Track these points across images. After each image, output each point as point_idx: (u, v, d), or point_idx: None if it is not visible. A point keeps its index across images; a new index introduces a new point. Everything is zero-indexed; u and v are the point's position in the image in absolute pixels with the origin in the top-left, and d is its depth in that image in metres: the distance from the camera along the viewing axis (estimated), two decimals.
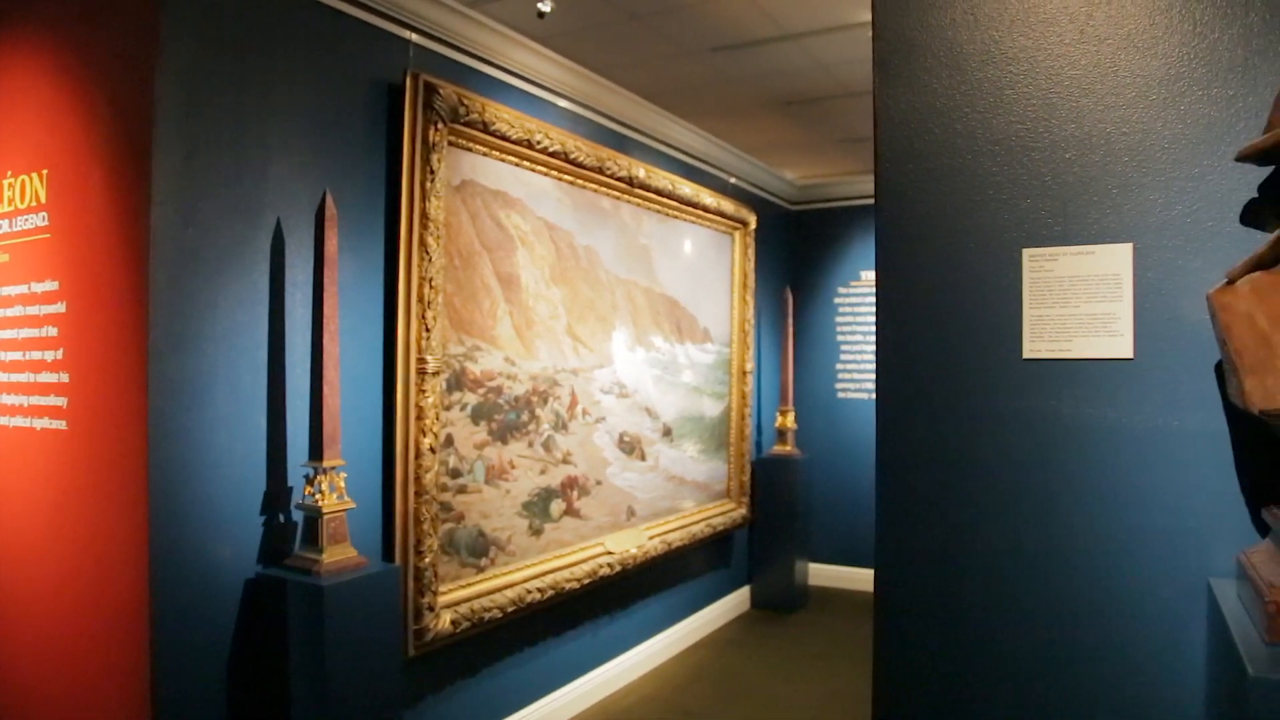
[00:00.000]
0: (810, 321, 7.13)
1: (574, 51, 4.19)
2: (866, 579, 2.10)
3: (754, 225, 6.02)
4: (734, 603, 6.24)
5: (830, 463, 6.87)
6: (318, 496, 2.80)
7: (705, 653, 5.43)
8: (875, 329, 2.07)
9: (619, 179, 4.48)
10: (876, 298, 2.07)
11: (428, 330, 3.25)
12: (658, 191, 4.85)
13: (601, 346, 4.48)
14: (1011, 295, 1.92)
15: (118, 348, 2.57)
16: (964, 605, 1.94)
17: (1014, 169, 1.92)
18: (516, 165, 3.81)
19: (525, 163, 3.85)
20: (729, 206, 5.68)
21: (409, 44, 3.35)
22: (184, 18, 2.60)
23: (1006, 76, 1.93)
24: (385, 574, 2.93)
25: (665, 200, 4.97)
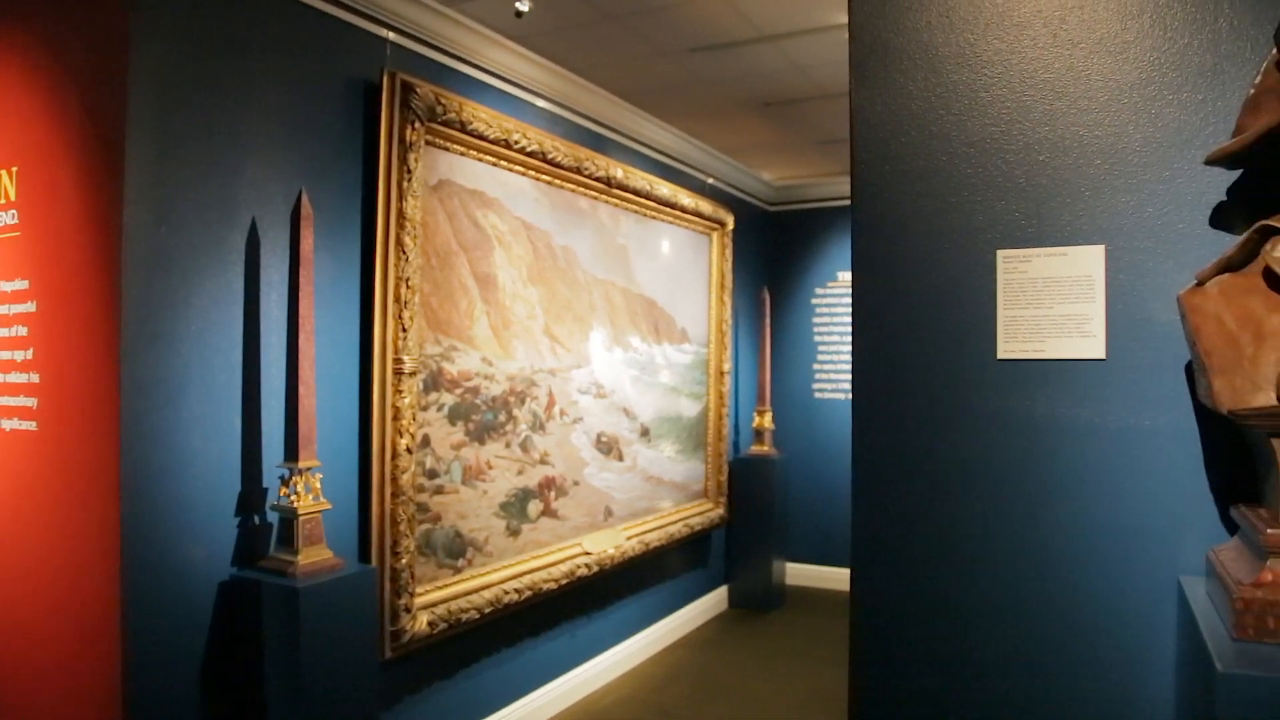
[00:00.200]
0: (788, 322, 7.16)
1: (552, 51, 4.18)
2: (843, 578, 2.11)
3: (732, 226, 6.03)
4: (711, 602, 6.25)
5: (807, 462, 6.90)
6: (293, 497, 2.78)
7: (683, 652, 5.44)
8: (851, 330, 2.08)
9: (597, 179, 4.48)
10: (852, 298, 2.08)
11: (404, 330, 3.23)
12: (635, 192, 4.85)
13: (579, 347, 4.47)
14: (986, 296, 1.93)
15: (89, 347, 2.54)
16: (939, 603, 1.96)
17: (988, 171, 1.94)
18: (494, 165, 3.80)
19: (503, 162, 3.84)
20: (706, 207, 5.69)
21: (386, 43, 3.33)
22: (156, 14, 2.57)
23: (981, 79, 1.95)
24: (361, 575, 2.92)
25: (643, 200, 4.97)
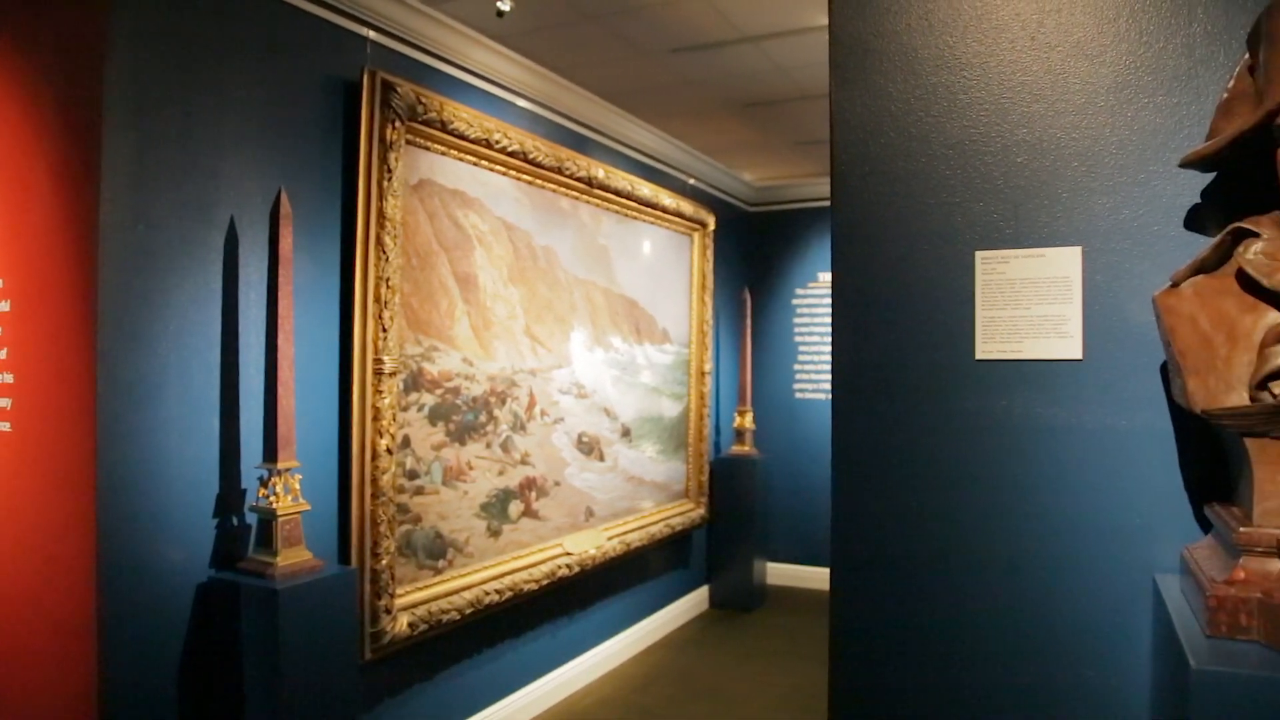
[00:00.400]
0: (769, 322, 7.18)
1: (533, 51, 4.18)
2: (824, 578, 2.12)
3: (713, 226, 6.04)
4: (692, 602, 6.26)
5: (788, 463, 6.92)
6: (272, 498, 2.76)
7: (664, 653, 5.44)
8: (831, 330, 2.09)
9: (578, 179, 4.48)
10: (832, 299, 2.09)
11: (384, 330, 3.22)
12: (617, 192, 4.85)
13: (560, 347, 4.47)
14: (964, 297, 1.94)
15: (65, 347, 2.52)
16: (917, 602, 1.97)
17: (967, 172, 1.95)
18: (475, 165, 3.79)
19: (484, 162, 3.83)
20: (688, 207, 5.70)
21: (366, 41, 3.31)
22: (134, 12, 2.55)
23: (960, 81, 1.96)
24: (341, 577, 2.90)
25: (624, 201, 4.97)
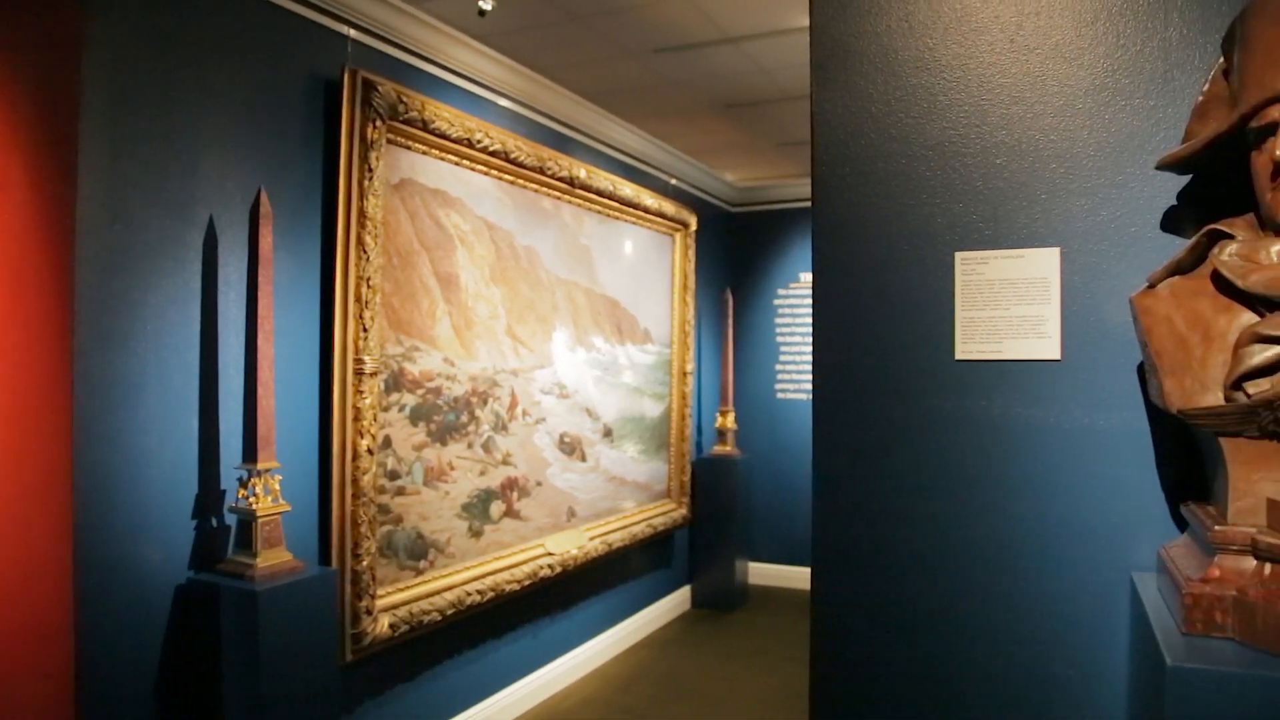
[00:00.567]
0: (750, 323, 7.19)
1: (515, 50, 4.17)
2: (805, 577, 2.13)
3: (694, 227, 6.05)
4: (675, 602, 6.26)
5: (770, 463, 6.94)
6: (251, 499, 2.74)
7: (646, 653, 5.45)
8: (811, 330, 2.10)
9: (560, 179, 4.47)
10: (812, 299, 2.10)
11: (365, 330, 3.20)
12: (599, 192, 4.85)
13: (542, 347, 4.46)
14: (944, 297, 1.95)
15: (41, 348, 2.48)
16: (898, 600, 1.98)
17: (947, 174, 1.96)
18: (456, 164, 3.78)
19: (465, 162, 3.82)
20: (669, 208, 5.70)
21: (347, 40, 3.30)
22: (111, 7, 2.53)
23: (940, 83, 1.97)
24: (321, 578, 2.89)
25: (606, 201, 4.97)
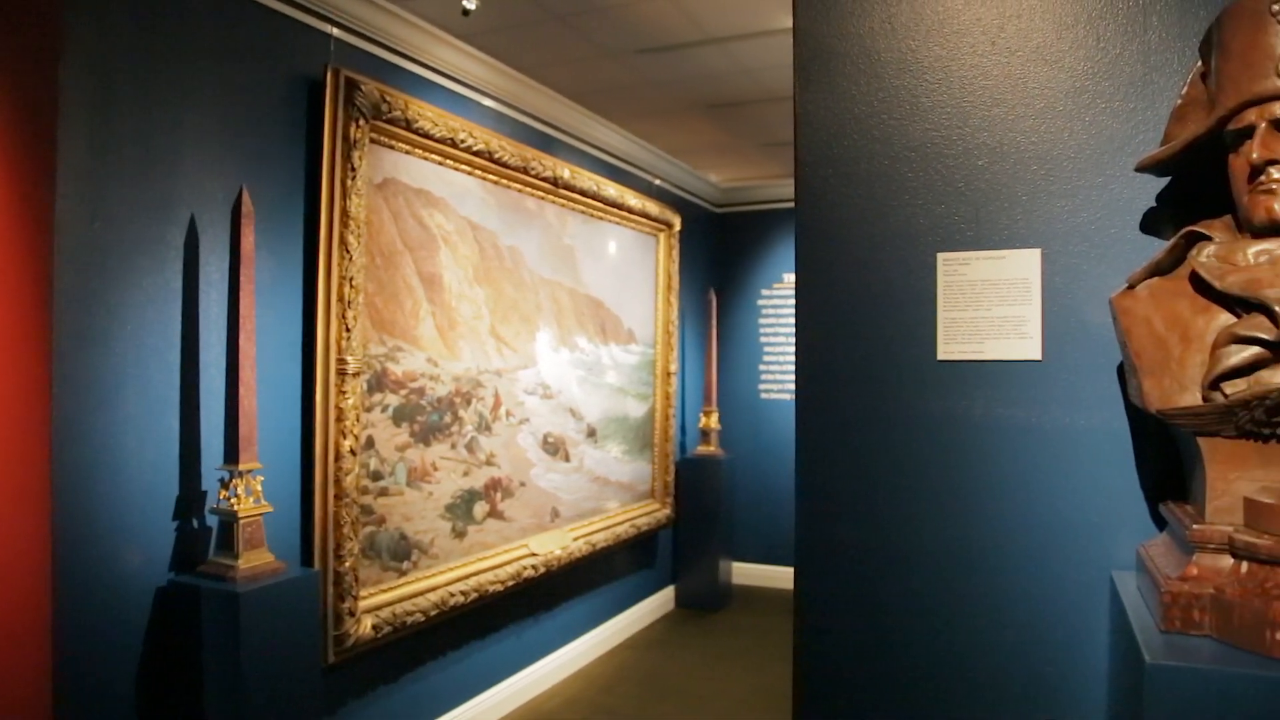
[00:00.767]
0: (734, 323, 7.20)
1: (499, 50, 4.16)
2: (789, 577, 2.14)
3: (678, 227, 6.06)
4: (658, 602, 6.27)
5: (753, 463, 6.95)
6: (233, 500, 2.72)
7: (630, 653, 5.45)
8: (795, 331, 2.10)
9: (544, 179, 4.47)
10: (796, 300, 2.10)
11: (348, 330, 3.19)
12: (582, 192, 4.85)
13: (525, 347, 4.46)
14: (926, 298, 1.97)
15: (19, 347, 2.45)
16: (880, 600, 1.99)
17: (929, 175, 1.97)
18: (440, 164, 3.77)
19: (449, 161, 3.81)
20: (653, 208, 5.71)
21: (330, 38, 3.28)
22: (91, 4, 2.50)
23: (922, 85, 1.98)
24: (304, 579, 2.87)
25: (590, 201, 4.97)
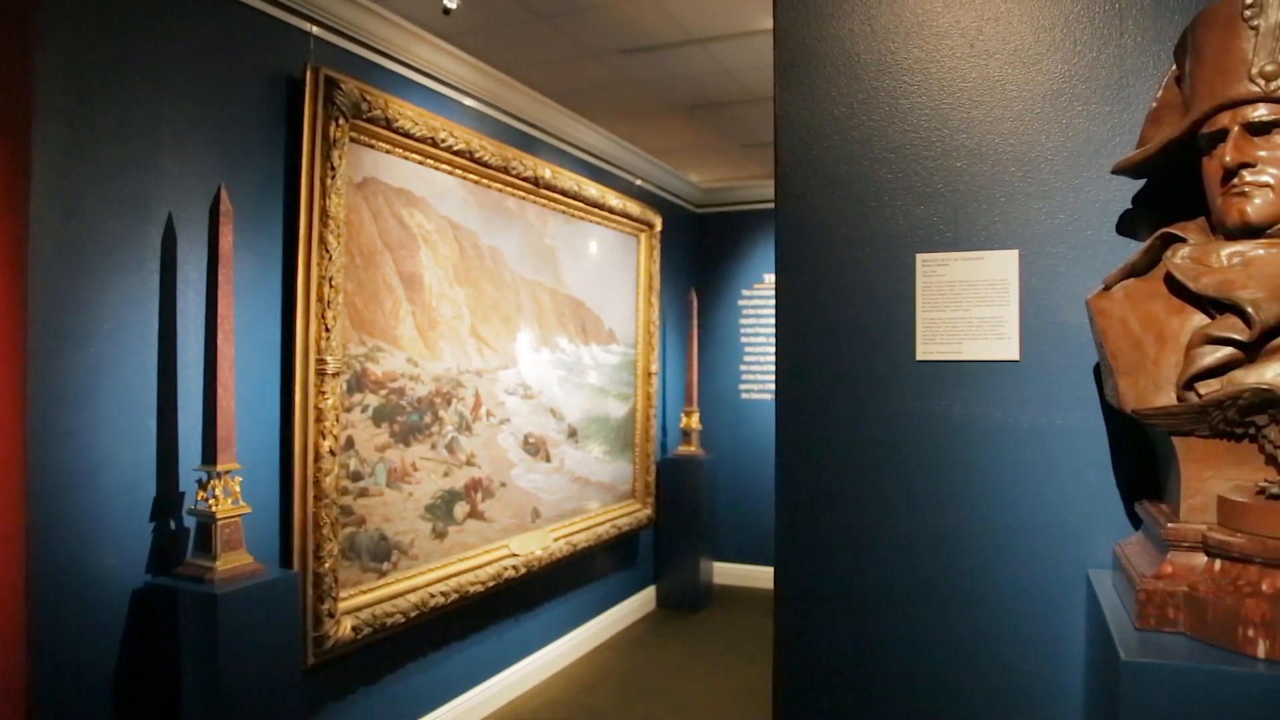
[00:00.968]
0: (715, 323, 7.22)
1: (480, 49, 4.15)
2: (770, 576, 2.14)
3: (659, 227, 6.06)
4: (640, 602, 6.27)
5: (734, 462, 6.96)
6: (211, 502, 2.70)
7: (611, 653, 5.45)
8: (774, 331, 2.11)
9: (525, 179, 4.46)
10: (776, 300, 2.11)
11: (327, 330, 3.17)
12: (563, 192, 4.84)
13: (506, 347, 4.45)
14: (905, 299, 1.98)
15: None
16: (859, 599, 2.00)
17: (908, 176, 1.99)
18: (420, 163, 3.75)
19: (429, 161, 3.80)
20: (634, 208, 5.71)
21: (310, 37, 3.26)
22: (65, 1, 2.48)
23: (901, 87, 2.00)
24: (283, 580, 2.85)
25: (571, 201, 4.96)
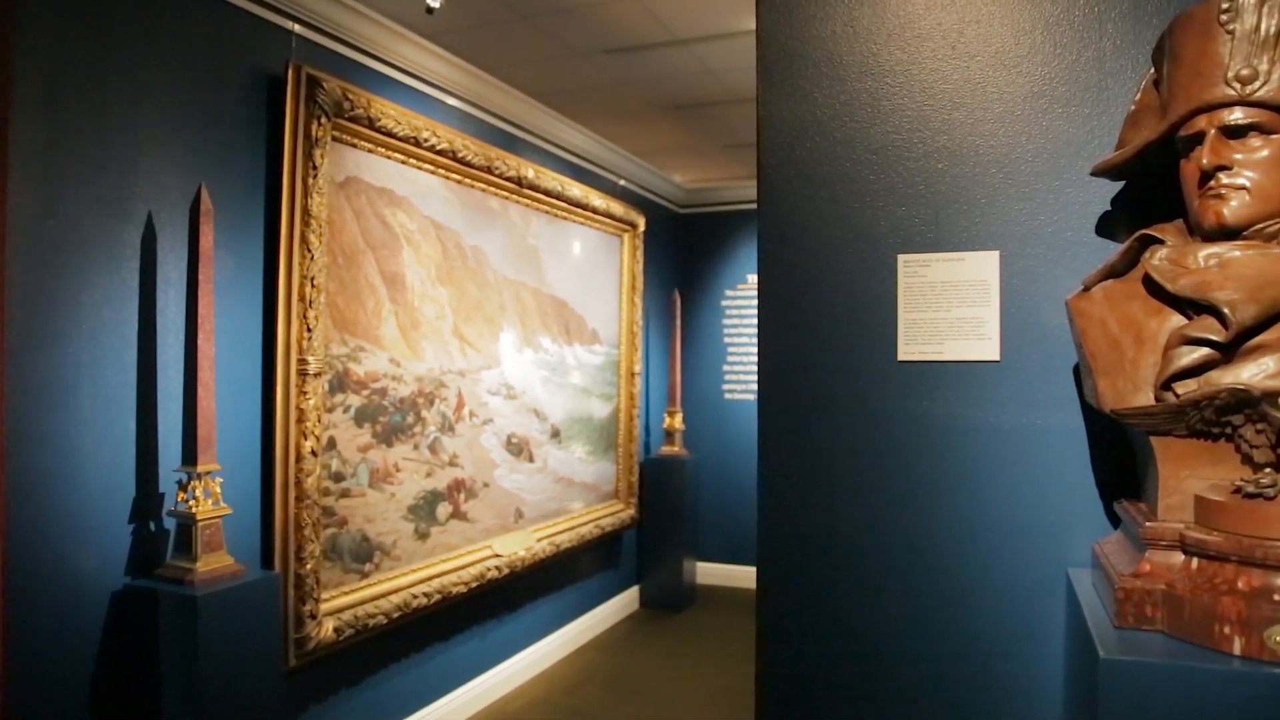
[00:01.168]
0: (698, 323, 7.23)
1: (463, 49, 4.14)
2: (753, 576, 2.15)
3: (643, 227, 6.06)
4: (623, 603, 6.27)
5: (717, 463, 6.98)
6: (191, 503, 2.68)
7: (595, 653, 5.44)
8: (757, 331, 2.12)
9: (508, 179, 4.45)
10: (758, 300, 2.12)
11: (309, 330, 3.16)
12: (547, 192, 4.83)
13: (489, 347, 4.44)
14: (887, 299, 1.99)
15: None
16: (841, 598, 2.01)
17: (890, 177, 2.00)
18: (403, 163, 3.74)
19: (412, 160, 3.79)
20: (618, 208, 5.71)
21: (291, 35, 3.25)
22: None
23: (883, 88, 2.01)
24: (264, 582, 2.84)
25: (554, 201, 4.96)
